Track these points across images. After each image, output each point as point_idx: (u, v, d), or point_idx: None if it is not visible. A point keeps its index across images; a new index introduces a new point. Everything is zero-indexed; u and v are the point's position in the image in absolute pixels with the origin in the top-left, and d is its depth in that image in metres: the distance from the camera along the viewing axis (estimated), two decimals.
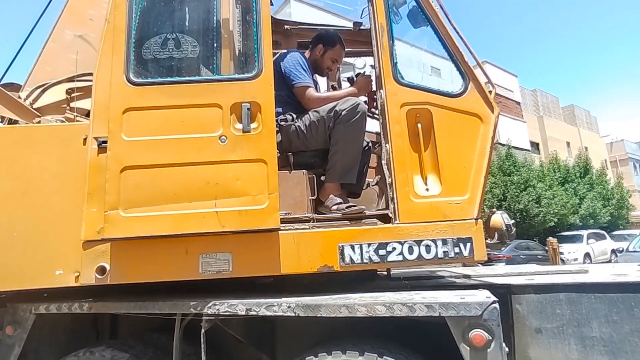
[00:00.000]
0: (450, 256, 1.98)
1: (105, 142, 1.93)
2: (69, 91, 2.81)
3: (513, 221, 2.15)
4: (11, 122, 2.68)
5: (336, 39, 2.80)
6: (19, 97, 2.81)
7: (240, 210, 1.87)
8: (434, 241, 1.99)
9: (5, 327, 2.17)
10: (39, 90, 2.87)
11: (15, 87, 2.98)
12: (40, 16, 3.32)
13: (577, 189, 20.05)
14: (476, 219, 2.03)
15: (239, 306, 1.82)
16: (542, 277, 2.26)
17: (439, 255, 1.98)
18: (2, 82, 3.05)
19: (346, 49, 3.26)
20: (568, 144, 30.82)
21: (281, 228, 1.96)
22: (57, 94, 2.87)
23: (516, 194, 16.32)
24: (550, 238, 9.29)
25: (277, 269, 1.94)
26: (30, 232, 1.98)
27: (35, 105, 2.84)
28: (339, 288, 2.10)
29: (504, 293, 2.01)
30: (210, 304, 1.85)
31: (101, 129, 1.97)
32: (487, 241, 2.12)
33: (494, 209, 2.23)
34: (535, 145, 28.16)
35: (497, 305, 1.60)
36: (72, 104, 2.77)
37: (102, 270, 1.90)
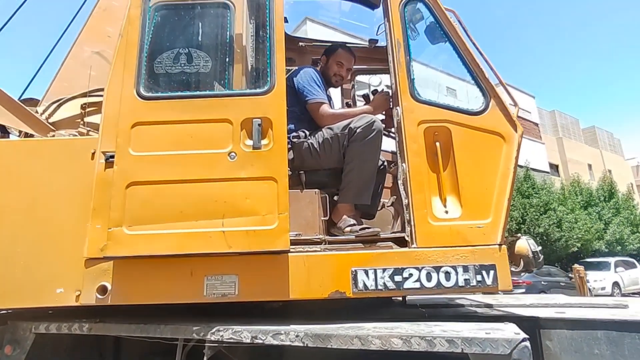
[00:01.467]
0: (471, 284, 1.84)
1: (113, 156, 1.88)
2: (84, 106, 2.82)
3: (540, 248, 1.99)
4: (27, 136, 2.70)
5: (337, 45, 2.75)
6: (36, 112, 2.84)
7: (248, 230, 1.78)
8: (454, 268, 1.85)
9: (4, 346, 2.10)
10: (54, 105, 2.90)
11: (34, 102, 3.02)
12: (63, 33, 3.41)
13: (601, 214, 19.29)
14: (500, 245, 1.89)
15: (244, 333, 1.71)
16: (574, 311, 2.07)
17: (460, 284, 1.83)
18: (23, 97, 3.12)
19: (361, 67, 3.22)
20: (590, 166, 30.00)
21: (291, 250, 1.85)
22: (72, 109, 2.88)
23: (536, 217, 15.81)
24: (576, 265, 8.84)
25: (286, 293, 1.83)
26: (33, 248, 1.93)
27: (50, 120, 2.86)
28: (352, 314, 1.97)
29: (531, 327, 1.85)
30: (213, 330, 1.74)
31: (109, 144, 1.93)
32: (511, 269, 1.96)
33: (519, 234, 2.08)
34: (554, 167, 27.49)
35: (528, 343, 1.44)
36: (86, 119, 2.78)
37: (103, 290, 1.82)
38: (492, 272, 1.85)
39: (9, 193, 1.98)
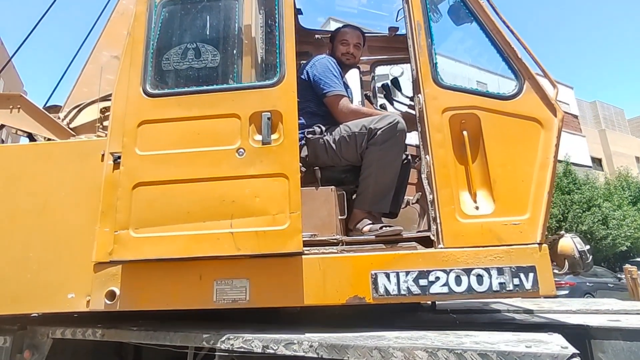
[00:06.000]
0: (508, 289, 1.63)
1: (120, 157, 1.82)
2: (103, 110, 2.83)
3: (588, 247, 1.75)
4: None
5: (338, 27, 2.59)
6: (58, 118, 2.87)
7: (257, 231, 1.67)
8: (487, 270, 1.66)
9: (23, 351, 2.10)
10: (75, 111, 2.92)
11: (57, 109, 3.07)
12: (85, 39, 3.46)
13: None
14: (540, 244, 1.67)
15: (255, 342, 1.59)
16: (631, 318, 1.81)
17: (494, 288, 1.64)
18: (48, 104, 3.18)
19: (382, 57, 3.05)
20: (637, 159, 28.03)
21: (305, 252, 1.72)
22: (92, 114, 2.90)
23: (578, 214, 14.89)
24: (627, 265, 8.18)
25: (300, 299, 1.70)
26: (45, 252, 1.90)
27: (71, 125, 2.88)
28: (376, 319, 1.82)
29: (580, 337, 1.61)
30: (224, 338, 1.64)
31: (118, 144, 1.88)
32: (554, 271, 1.74)
33: (562, 232, 1.84)
34: (597, 161, 25.90)
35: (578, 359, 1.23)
36: (105, 123, 2.78)
37: (112, 295, 1.76)
38: (531, 274, 1.63)
39: (22, 197, 1.97)
